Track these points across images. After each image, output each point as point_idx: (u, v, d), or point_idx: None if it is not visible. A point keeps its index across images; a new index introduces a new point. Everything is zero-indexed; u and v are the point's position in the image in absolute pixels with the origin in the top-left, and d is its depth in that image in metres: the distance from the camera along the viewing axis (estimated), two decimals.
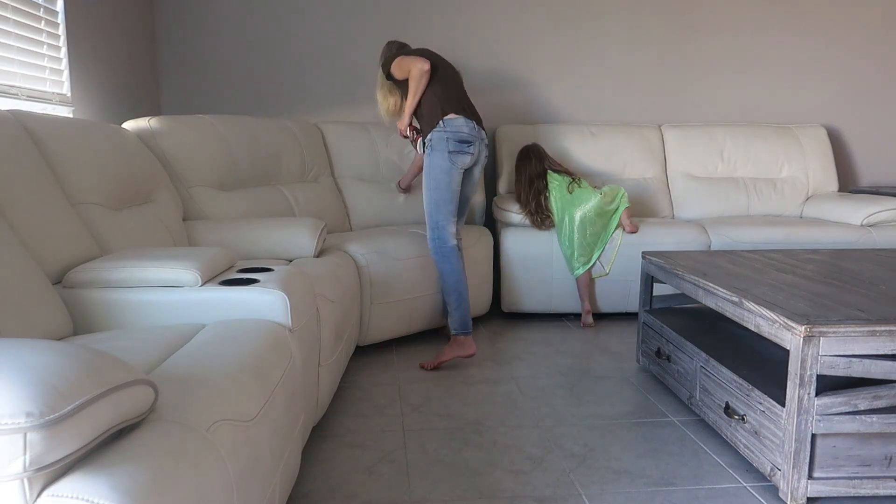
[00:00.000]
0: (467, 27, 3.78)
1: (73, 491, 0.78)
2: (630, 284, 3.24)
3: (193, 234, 2.47)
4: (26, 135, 1.80)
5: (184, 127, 2.74)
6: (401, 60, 2.69)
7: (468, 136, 2.63)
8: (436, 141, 2.62)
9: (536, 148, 3.36)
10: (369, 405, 2.27)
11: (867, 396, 1.56)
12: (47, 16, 2.53)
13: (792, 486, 1.59)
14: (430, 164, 2.66)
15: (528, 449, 1.93)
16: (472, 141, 2.66)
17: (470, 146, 2.65)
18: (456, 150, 2.63)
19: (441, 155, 2.63)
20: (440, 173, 2.64)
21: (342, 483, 1.74)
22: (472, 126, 2.64)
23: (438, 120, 2.62)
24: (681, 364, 2.19)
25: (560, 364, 2.69)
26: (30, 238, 1.58)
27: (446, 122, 2.61)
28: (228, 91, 3.72)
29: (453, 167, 2.65)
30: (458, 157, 2.65)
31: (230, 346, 1.34)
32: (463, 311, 2.67)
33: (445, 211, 2.66)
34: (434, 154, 2.64)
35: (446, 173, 2.64)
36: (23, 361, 0.79)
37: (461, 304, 2.68)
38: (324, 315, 1.98)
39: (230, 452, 1.03)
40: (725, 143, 3.84)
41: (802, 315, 1.61)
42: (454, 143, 2.63)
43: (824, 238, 3.25)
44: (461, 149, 2.64)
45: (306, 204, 3.08)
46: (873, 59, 4.05)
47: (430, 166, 2.66)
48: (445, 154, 2.63)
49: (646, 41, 3.90)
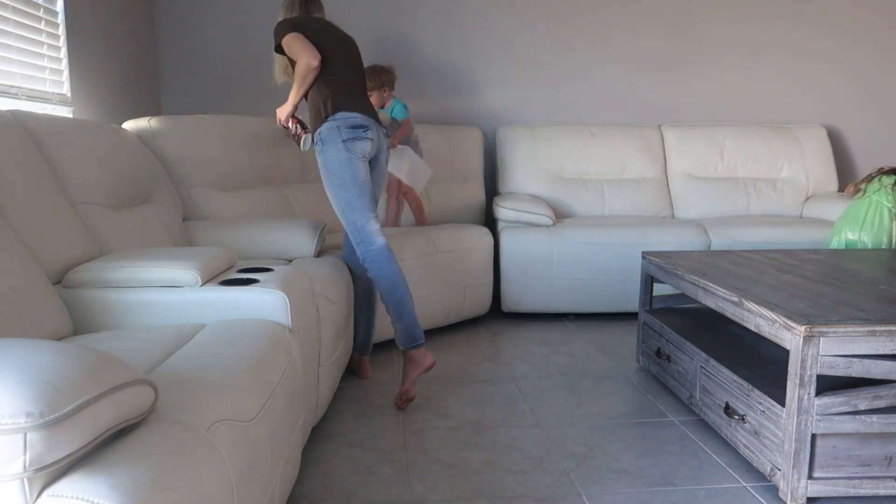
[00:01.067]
0: (467, 27, 3.78)
1: (73, 491, 0.78)
2: (630, 284, 3.24)
3: (193, 234, 2.47)
4: (26, 135, 1.80)
5: (184, 127, 2.74)
6: (291, 40, 2.30)
7: (362, 120, 2.29)
8: (325, 132, 2.27)
9: None
10: (369, 405, 2.27)
11: (867, 396, 1.56)
12: (47, 16, 2.53)
13: (792, 486, 1.59)
14: (325, 160, 2.28)
15: (528, 449, 1.93)
16: (368, 125, 2.30)
17: (367, 130, 2.29)
18: (351, 137, 2.26)
19: (335, 147, 2.26)
20: (339, 167, 2.26)
21: (342, 483, 1.74)
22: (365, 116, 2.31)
23: (326, 115, 2.29)
24: (681, 364, 2.19)
25: (560, 364, 2.69)
26: (30, 238, 1.58)
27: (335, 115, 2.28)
28: (228, 91, 3.72)
29: (353, 156, 2.26)
30: (356, 144, 2.27)
31: (230, 346, 1.34)
32: (406, 321, 2.27)
33: (359, 207, 2.27)
34: (327, 147, 2.27)
35: (346, 165, 2.26)
36: (23, 361, 0.79)
37: (403, 314, 2.27)
38: (324, 315, 1.98)
39: (230, 452, 1.03)
40: (725, 143, 3.84)
41: (802, 315, 1.61)
42: (347, 130, 2.26)
43: (824, 238, 3.25)
44: (356, 135, 2.27)
45: (306, 204, 3.08)
46: (874, 59, 4.05)
47: (326, 163, 2.28)
48: (339, 144, 2.26)
49: (646, 41, 3.90)
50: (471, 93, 3.82)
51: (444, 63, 3.80)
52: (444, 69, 3.80)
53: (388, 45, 3.76)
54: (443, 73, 3.81)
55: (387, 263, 2.28)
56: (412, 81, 3.79)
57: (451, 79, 3.81)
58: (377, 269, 2.27)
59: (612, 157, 3.74)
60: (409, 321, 2.27)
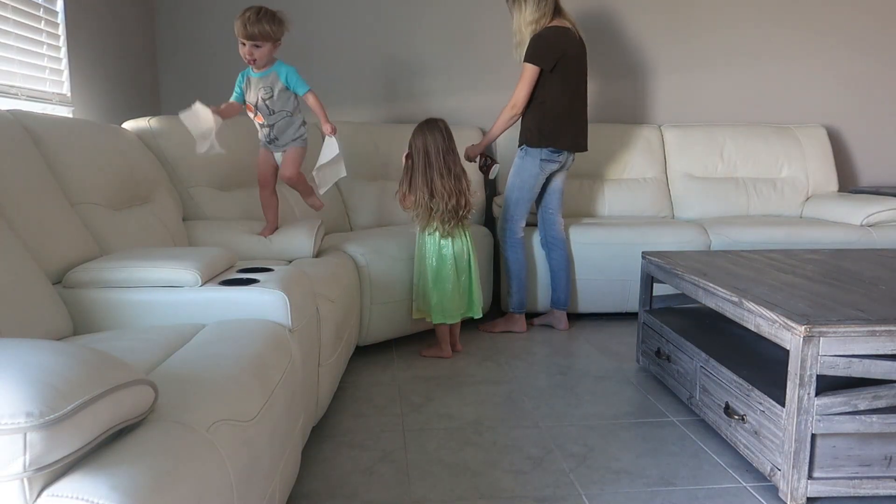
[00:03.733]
0: (466, 28, 3.78)
1: (73, 491, 0.78)
2: (630, 284, 3.24)
3: (193, 234, 2.47)
4: (26, 135, 1.80)
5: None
6: (528, 68, 2.89)
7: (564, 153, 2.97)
8: (531, 149, 2.94)
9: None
10: (369, 405, 2.27)
11: (867, 396, 1.56)
12: (47, 16, 2.52)
13: (792, 486, 1.59)
14: (521, 165, 2.95)
15: (528, 449, 1.93)
16: (562, 150, 2.94)
17: (559, 155, 2.94)
18: (547, 159, 2.93)
19: (534, 161, 2.93)
20: (528, 177, 2.95)
21: (342, 483, 1.74)
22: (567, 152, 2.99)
23: (537, 143, 2.92)
24: (681, 364, 2.19)
25: (560, 364, 2.69)
26: (30, 238, 1.58)
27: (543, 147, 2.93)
28: (228, 91, 3.71)
29: (541, 173, 2.95)
30: (548, 165, 2.94)
31: (230, 346, 1.34)
32: (521, 294, 3.07)
33: (521, 209, 3.00)
34: (527, 158, 2.94)
35: (533, 178, 2.95)
36: (23, 361, 0.79)
37: (520, 289, 3.07)
38: (324, 315, 1.98)
39: (230, 452, 1.03)
40: (725, 143, 3.84)
41: (802, 315, 1.61)
42: (547, 153, 2.92)
43: (824, 238, 3.25)
44: (551, 157, 2.93)
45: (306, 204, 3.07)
46: (874, 59, 4.04)
47: (520, 167, 2.96)
48: (538, 161, 2.93)
49: (646, 41, 3.90)
50: (471, 92, 3.82)
51: (443, 63, 3.80)
52: (442, 68, 3.80)
53: (388, 46, 3.76)
54: (442, 72, 3.81)
55: (521, 252, 3.08)
56: (413, 81, 3.79)
57: (451, 78, 3.81)
58: (512, 253, 3.06)
59: (612, 157, 3.74)
60: (523, 294, 3.10)
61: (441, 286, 2.66)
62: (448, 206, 2.59)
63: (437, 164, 2.60)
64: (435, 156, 2.59)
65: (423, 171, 2.60)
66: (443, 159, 2.60)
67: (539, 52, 2.86)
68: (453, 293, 2.66)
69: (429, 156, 2.60)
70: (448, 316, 2.68)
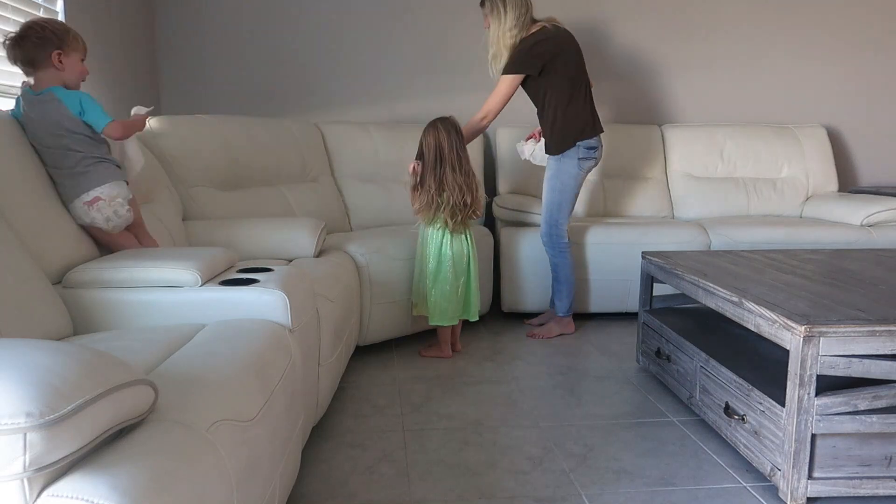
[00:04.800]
0: (466, 28, 3.78)
1: (73, 491, 0.78)
2: (630, 284, 3.24)
3: (193, 234, 2.47)
4: (26, 135, 1.80)
5: (184, 127, 2.74)
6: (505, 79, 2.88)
7: (594, 141, 2.91)
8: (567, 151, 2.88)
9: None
10: (369, 405, 2.27)
11: (867, 396, 1.56)
12: (47, 16, 2.52)
13: (792, 486, 1.59)
14: (559, 168, 2.90)
15: (528, 449, 1.93)
16: (597, 146, 2.92)
17: (595, 151, 2.91)
18: (584, 157, 2.89)
19: (572, 162, 2.88)
20: (569, 179, 2.90)
21: (342, 483, 1.74)
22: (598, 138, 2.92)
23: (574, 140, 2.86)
24: (681, 364, 2.19)
25: (560, 364, 2.69)
26: (30, 238, 1.58)
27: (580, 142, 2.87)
28: (228, 91, 3.72)
29: (581, 172, 2.91)
30: (586, 163, 2.91)
31: (230, 346, 1.34)
32: (571, 297, 3.07)
33: (565, 212, 2.96)
34: (564, 160, 2.88)
35: (574, 179, 2.91)
36: (23, 361, 0.79)
37: (570, 293, 3.05)
38: (324, 315, 1.98)
39: (230, 452, 1.03)
40: (725, 143, 3.84)
41: (802, 315, 1.61)
42: (584, 150, 2.88)
43: (824, 238, 3.25)
44: (588, 155, 2.90)
45: (306, 204, 3.08)
46: (874, 59, 4.04)
47: (559, 171, 2.90)
48: (576, 161, 2.88)
49: (646, 41, 3.90)
50: (471, 92, 3.81)
51: (443, 64, 3.80)
52: (442, 70, 3.80)
53: (388, 46, 3.76)
54: (441, 72, 3.81)
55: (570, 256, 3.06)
56: (412, 82, 3.80)
57: (450, 79, 3.81)
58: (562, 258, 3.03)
59: (613, 157, 3.74)
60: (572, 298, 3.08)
61: (439, 287, 2.66)
62: (458, 200, 2.60)
63: (449, 158, 2.61)
64: (448, 151, 2.60)
65: (434, 167, 2.61)
66: (455, 154, 2.61)
67: (521, 59, 2.82)
68: (451, 295, 2.66)
69: (441, 150, 2.60)
70: (445, 318, 2.68)
